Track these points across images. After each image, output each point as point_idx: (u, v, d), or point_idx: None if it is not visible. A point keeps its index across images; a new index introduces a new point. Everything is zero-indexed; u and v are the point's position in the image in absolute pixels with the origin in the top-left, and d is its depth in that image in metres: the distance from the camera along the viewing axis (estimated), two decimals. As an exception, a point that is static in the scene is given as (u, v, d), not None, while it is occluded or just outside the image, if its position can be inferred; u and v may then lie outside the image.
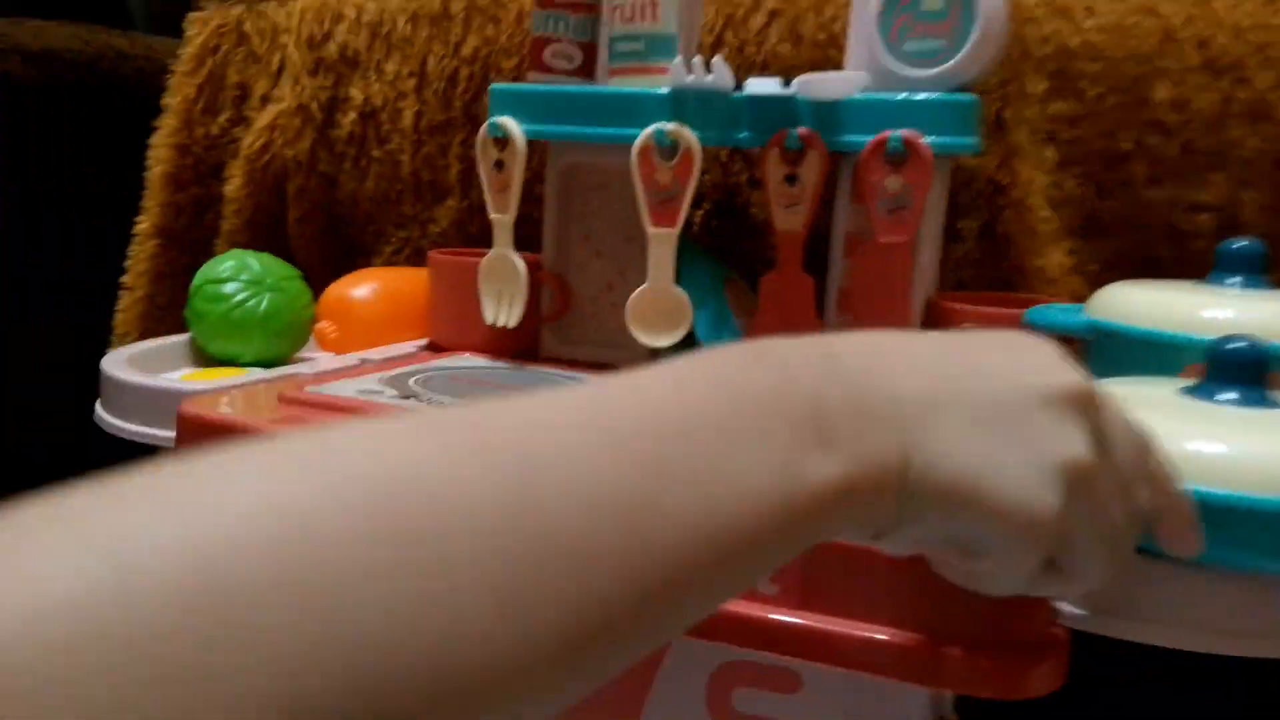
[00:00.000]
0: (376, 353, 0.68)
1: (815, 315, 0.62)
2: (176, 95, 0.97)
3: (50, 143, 1.42)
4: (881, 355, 0.30)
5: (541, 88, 0.63)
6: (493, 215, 0.66)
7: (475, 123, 0.88)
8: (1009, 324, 0.59)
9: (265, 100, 0.96)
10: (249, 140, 0.95)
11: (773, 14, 0.78)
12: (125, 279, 1.00)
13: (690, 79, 0.59)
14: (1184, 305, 0.50)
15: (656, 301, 0.61)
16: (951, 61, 0.58)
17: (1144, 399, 0.40)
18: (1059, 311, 0.55)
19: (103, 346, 1.04)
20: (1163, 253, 0.71)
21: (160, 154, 0.98)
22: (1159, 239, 0.71)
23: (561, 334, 0.72)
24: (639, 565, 0.22)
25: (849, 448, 0.27)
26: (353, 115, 0.92)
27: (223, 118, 0.98)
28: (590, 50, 0.64)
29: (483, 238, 0.90)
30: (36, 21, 1.74)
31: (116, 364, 0.63)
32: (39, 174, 1.31)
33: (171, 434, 0.58)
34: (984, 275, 0.74)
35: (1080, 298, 0.72)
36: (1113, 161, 0.71)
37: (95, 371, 0.63)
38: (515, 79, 0.86)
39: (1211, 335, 0.46)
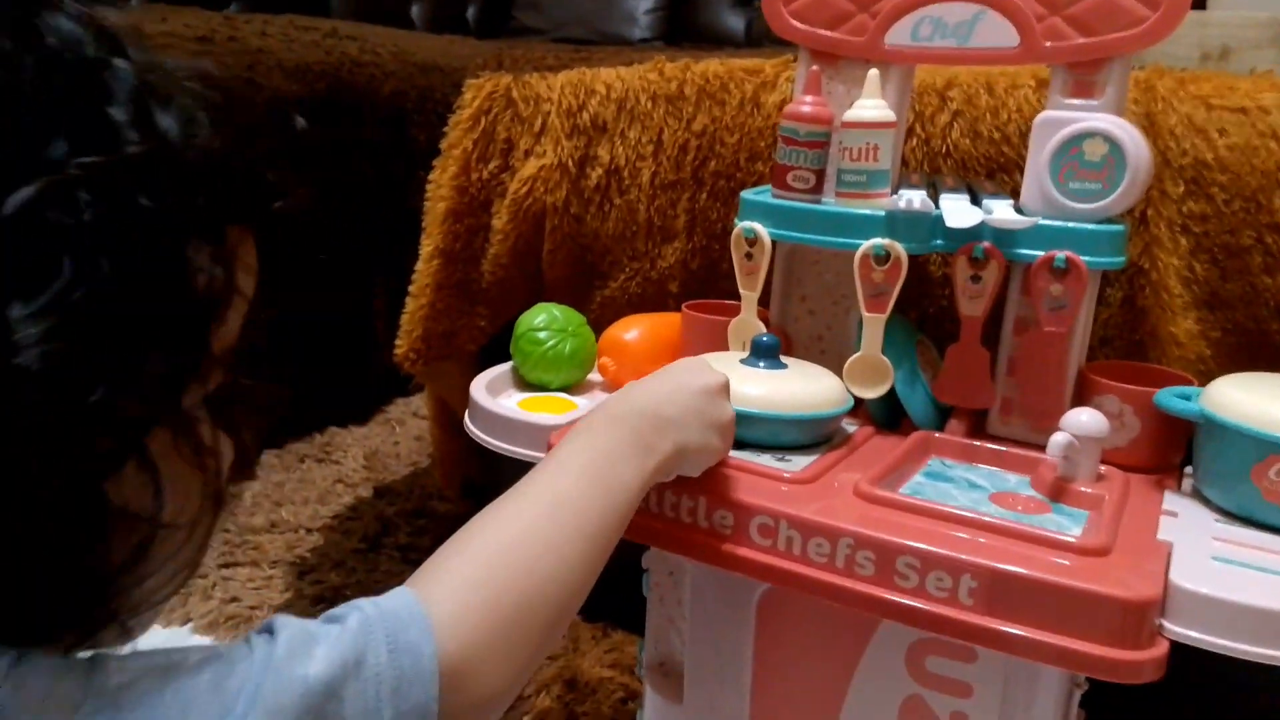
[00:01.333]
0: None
1: (989, 380, 0.83)
2: (457, 147, 1.22)
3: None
4: (655, 398, 0.65)
5: (786, 203, 0.85)
6: (743, 291, 0.88)
7: (700, 183, 1.10)
8: (1143, 399, 0.78)
9: (528, 154, 1.19)
10: (515, 186, 1.19)
11: (956, 114, 0.97)
12: (412, 288, 1.26)
13: (902, 205, 0.79)
14: (1268, 407, 0.69)
15: (866, 365, 0.83)
16: (1106, 200, 0.77)
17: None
18: (1179, 398, 0.74)
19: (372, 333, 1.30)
20: (1272, 326, 0.88)
21: (443, 192, 1.22)
22: (1269, 315, 0.88)
23: (782, 372, 0.94)
24: (610, 515, 0.58)
25: (660, 449, 0.63)
26: (600, 171, 1.15)
27: (493, 164, 1.21)
28: (821, 175, 0.85)
29: (702, 272, 1.12)
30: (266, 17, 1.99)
31: (481, 392, 0.88)
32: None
33: (511, 447, 0.83)
34: (1124, 336, 0.93)
35: (1204, 359, 0.91)
36: (1235, 253, 0.88)
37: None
38: (735, 152, 1.07)
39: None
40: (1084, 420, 0.74)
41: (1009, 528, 0.65)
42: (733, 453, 0.75)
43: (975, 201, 0.83)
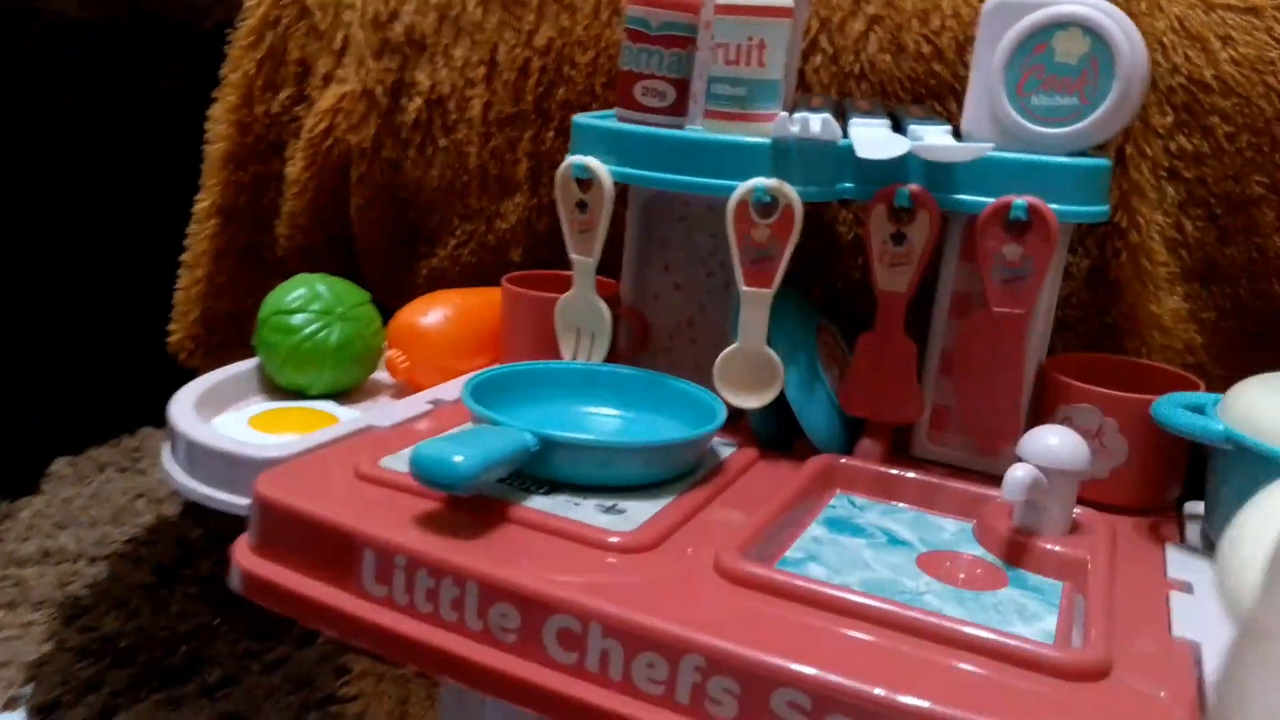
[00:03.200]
0: (448, 390, 0.65)
1: (915, 380, 0.59)
2: (236, 69, 0.94)
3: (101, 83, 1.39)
4: None
5: (632, 129, 0.59)
6: (573, 256, 0.62)
7: (546, 117, 0.84)
8: (1132, 411, 0.55)
9: (328, 79, 0.91)
10: (311, 122, 0.91)
11: (873, 20, 0.73)
12: (185, 257, 0.98)
13: (795, 129, 0.54)
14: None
15: (746, 363, 0.58)
16: (1085, 122, 0.53)
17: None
18: (1192, 417, 0.51)
19: (164, 318, 1.03)
20: (1286, 305, 0.66)
21: (220, 130, 0.94)
22: (1283, 290, 0.66)
23: (639, 366, 0.69)
24: None
25: None
26: (419, 102, 0.88)
27: (284, 95, 0.94)
28: (683, 87, 0.59)
29: (551, 235, 0.86)
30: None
31: (185, 407, 0.61)
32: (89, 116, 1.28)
33: (208, 491, 0.57)
34: (1091, 318, 0.70)
35: (1193, 348, 0.68)
36: (1239, 205, 0.66)
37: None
38: (590, 75, 0.81)
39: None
40: (1053, 445, 0.50)
41: (950, 633, 0.40)
42: (536, 500, 0.50)
43: (899, 129, 0.59)
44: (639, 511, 0.49)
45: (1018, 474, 0.48)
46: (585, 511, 0.49)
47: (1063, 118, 0.54)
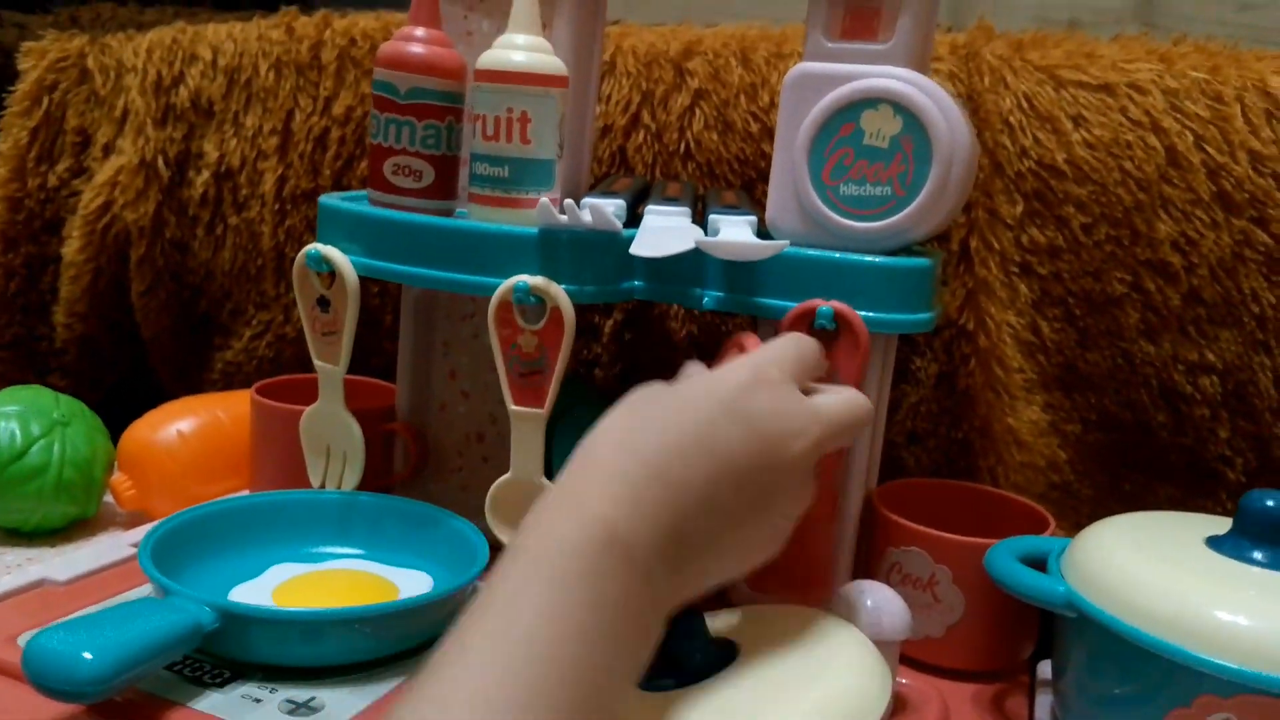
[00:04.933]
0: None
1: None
2: (7, 139, 0.82)
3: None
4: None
5: (377, 213, 0.49)
6: (317, 362, 0.52)
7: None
8: (966, 557, 0.46)
9: (108, 150, 0.81)
10: (88, 198, 0.80)
11: (698, 95, 0.65)
12: (-53, 349, 0.85)
13: (564, 219, 0.45)
14: (1195, 604, 0.37)
15: (523, 493, 0.48)
16: (900, 215, 0.45)
17: None
18: (1030, 575, 0.41)
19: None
20: (1158, 418, 0.58)
21: (-13, 206, 0.83)
22: (1152, 401, 0.58)
23: (420, 491, 0.58)
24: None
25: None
26: (206, 175, 0.77)
27: (61, 167, 0.82)
28: (445, 164, 0.50)
29: (365, 332, 0.76)
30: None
31: None
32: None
33: None
34: (941, 431, 0.61)
35: (1057, 464, 0.60)
36: (1100, 305, 0.58)
37: None
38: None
39: (1227, 659, 0.34)
40: (870, 609, 0.41)
41: None
42: (206, 700, 0.38)
43: (702, 216, 0.50)
44: (338, 711, 0.38)
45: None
46: (266, 714, 0.38)
47: (875, 209, 0.45)
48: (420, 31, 0.49)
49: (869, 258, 0.45)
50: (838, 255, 0.45)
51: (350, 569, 0.50)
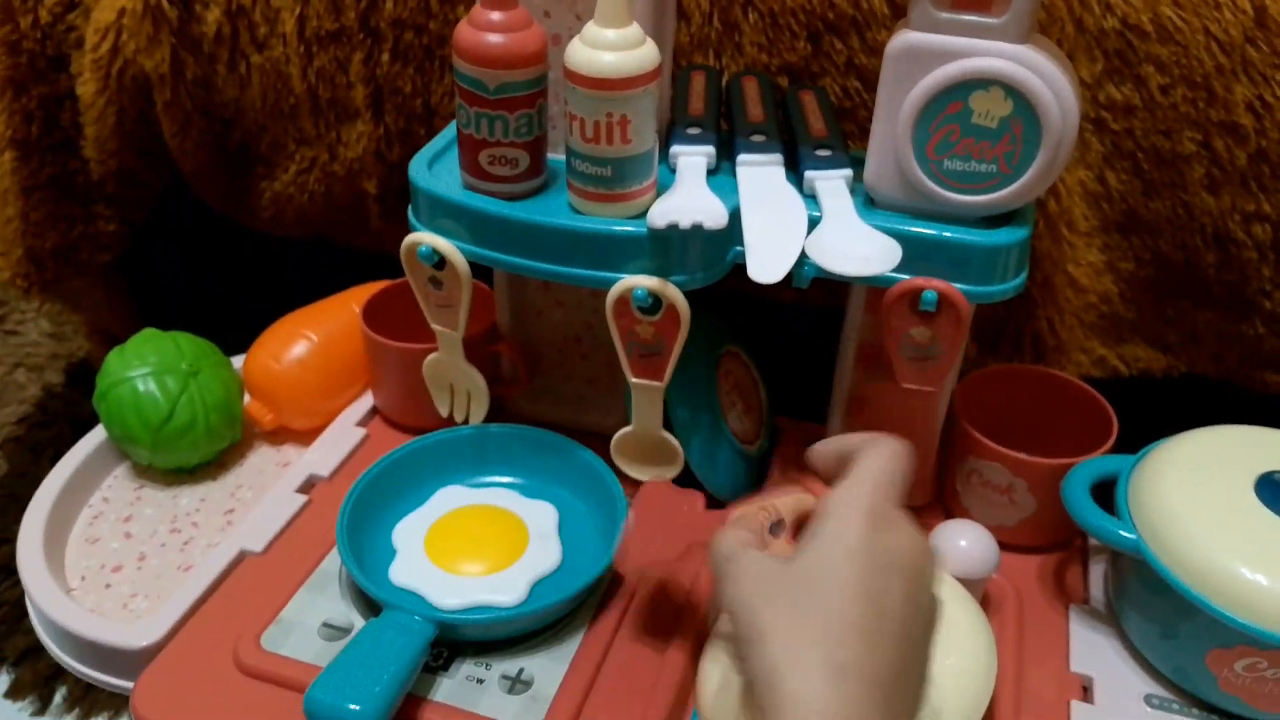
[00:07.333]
0: (320, 456, 0.60)
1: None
2: (-20, -24, 0.75)
3: None
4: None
5: (485, 206, 0.49)
6: (435, 326, 0.55)
7: (377, 36, 0.70)
8: (1041, 474, 0.53)
9: (98, -16, 0.74)
10: (93, 40, 0.75)
11: None
12: (-12, 196, 0.84)
13: (670, 223, 0.46)
14: (1237, 568, 0.45)
15: (644, 444, 0.54)
16: (1004, 191, 0.46)
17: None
18: (1103, 519, 0.49)
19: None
20: (1208, 258, 0.62)
21: (-17, 53, 0.78)
22: (1204, 244, 0.62)
23: (527, 393, 0.64)
24: None
25: None
26: (216, 13, 0.72)
27: (51, 0, 0.76)
28: (538, 146, 0.49)
29: (405, 165, 0.75)
30: None
31: (37, 574, 0.55)
32: None
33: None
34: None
35: (1109, 299, 0.65)
36: (1168, 161, 0.59)
37: None
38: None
39: (1265, 624, 0.43)
40: (964, 549, 0.49)
41: None
42: (439, 690, 0.48)
43: (791, 159, 0.51)
44: (546, 681, 0.48)
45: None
46: (491, 694, 0.47)
47: (979, 184, 0.46)
48: (497, 16, 0.46)
49: (972, 236, 0.47)
50: (944, 233, 0.47)
51: (488, 506, 0.57)
